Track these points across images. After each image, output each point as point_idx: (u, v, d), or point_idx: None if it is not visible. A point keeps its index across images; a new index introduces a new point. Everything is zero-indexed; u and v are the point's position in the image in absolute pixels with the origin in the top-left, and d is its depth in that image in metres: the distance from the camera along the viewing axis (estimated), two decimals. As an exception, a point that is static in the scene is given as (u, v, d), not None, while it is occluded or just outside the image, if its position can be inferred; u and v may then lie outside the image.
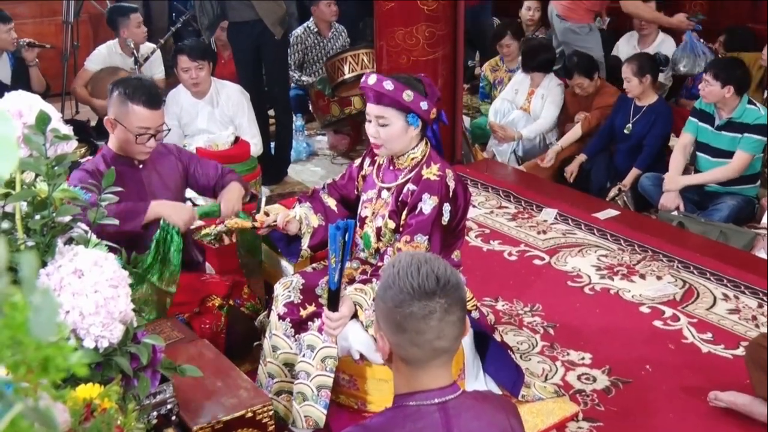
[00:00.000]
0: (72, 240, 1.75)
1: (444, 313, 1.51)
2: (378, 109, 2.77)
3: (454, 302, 1.53)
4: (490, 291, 3.81)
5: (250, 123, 4.98)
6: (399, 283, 1.51)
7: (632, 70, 4.98)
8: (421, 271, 1.51)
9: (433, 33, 4.94)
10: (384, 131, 2.78)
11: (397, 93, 2.72)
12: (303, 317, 2.81)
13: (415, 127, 2.78)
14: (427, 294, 1.50)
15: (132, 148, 3.01)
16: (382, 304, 1.56)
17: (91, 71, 5.87)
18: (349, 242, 2.58)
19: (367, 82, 2.78)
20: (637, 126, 5.05)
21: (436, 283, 1.51)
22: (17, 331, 0.66)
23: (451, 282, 1.53)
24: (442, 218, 2.75)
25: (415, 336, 1.51)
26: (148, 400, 1.97)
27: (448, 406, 1.54)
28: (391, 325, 1.54)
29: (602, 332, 3.48)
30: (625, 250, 4.22)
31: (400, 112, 2.75)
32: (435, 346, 1.52)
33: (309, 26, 6.67)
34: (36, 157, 1.63)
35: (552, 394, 3.02)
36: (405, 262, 1.54)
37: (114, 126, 2.98)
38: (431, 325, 1.50)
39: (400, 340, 1.53)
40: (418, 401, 1.55)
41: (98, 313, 1.59)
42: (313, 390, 2.69)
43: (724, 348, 3.35)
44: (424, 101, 2.76)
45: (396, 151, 2.84)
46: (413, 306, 1.50)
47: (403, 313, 1.50)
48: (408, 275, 1.51)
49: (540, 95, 5.61)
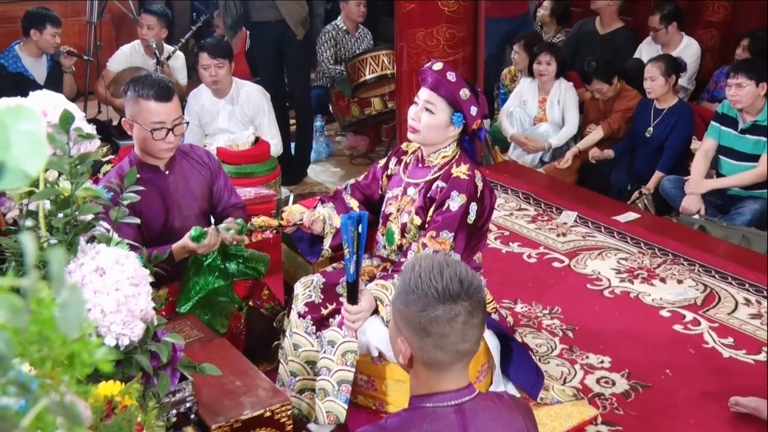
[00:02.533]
0: (94, 238, 1.77)
1: (468, 316, 1.51)
2: (430, 95, 2.78)
3: (477, 305, 1.53)
4: (509, 293, 3.80)
5: (270, 123, 5.00)
6: (423, 287, 1.51)
7: (660, 69, 4.93)
8: (444, 275, 1.51)
9: (454, 34, 4.93)
10: (426, 117, 2.78)
11: (457, 86, 2.76)
12: (324, 315, 2.82)
13: (456, 126, 2.79)
14: (452, 297, 1.50)
15: (152, 147, 2.96)
16: (404, 308, 1.55)
17: (113, 71, 5.91)
18: (363, 234, 2.58)
19: (432, 67, 2.80)
20: (658, 129, 5.01)
21: (460, 286, 1.50)
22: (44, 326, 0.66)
23: (474, 285, 1.53)
24: (468, 217, 2.75)
25: (440, 340, 1.51)
26: (168, 398, 1.98)
27: (464, 408, 1.55)
28: (415, 330, 1.53)
29: (622, 336, 3.46)
30: (646, 254, 4.19)
31: (449, 106, 2.77)
32: (459, 349, 1.53)
33: (337, 24, 6.65)
34: (59, 155, 1.64)
35: (571, 398, 3.01)
36: (426, 266, 1.54)
37: (131, 126, 2.97)
38: (456, 328, 1.50)
39: (423, 344, 1.53)
40: (435, 403, 1.55)
41: (119, 311, 1.60)
42: (334, 385, 2.70)
43: (746, 353, 3.32)
44: (476, 107, 2.79)
45: (428, 141, 2.84)
46: (438, 310, 1.50)
47: (428, 317, 1.50)
48: (431, 279, 1.51)
49: (554, 101, 5.57)
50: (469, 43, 5.06)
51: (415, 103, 2.83)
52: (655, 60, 5.11)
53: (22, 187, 1.58)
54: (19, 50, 5.59)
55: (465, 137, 2.89)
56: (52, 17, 5.55)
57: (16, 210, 1.78)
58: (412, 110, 2.82)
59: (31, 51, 5.59)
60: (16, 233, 1.72)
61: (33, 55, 5.60)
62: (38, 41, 5.52)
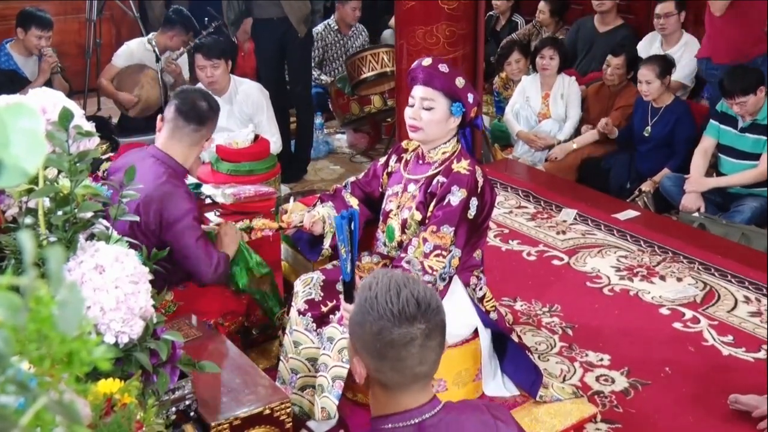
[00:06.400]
0: (93, 236, 1.77)
1: (425, 339, 1.45)
2: (426, 91, 2.78)
3: (435, 327, 1.47)
4: (509, 291, 3.80)
5: (269, 121, 4.99)
6: (378, 309, 1.45)
7: (655, 72, 4.89)
8: (401, 296, 1.44)
9: (454, 32, 4.93)
10: (427, 114, 2.78)
11: (452, 76, 2.77)
12: (324, 312, 2.82)
13: (456, 116, 2.80)
14: (407, 320, 1.43)
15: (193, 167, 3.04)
16: (359, 330, 1.49)
17: (118, 66, 5.91)
18: (356, 232, 2.58)
19: (422, 63, 2.80)
20: (656, 128, 5.00)
21: (417, 308, 1.44)
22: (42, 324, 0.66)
23: (432, 306, 1.47)
24: (468, 212, 2.75)
25: (396, 363, 1.46)
26: (167, 396, 1.98)
27: (425, 425, 1.49)
28: (371, 352, 1.47)
29: (621, 333, 3.47)
30: (645, 252, 4.19)
31: (447, 98, 2.77)
32: (416, 372, 1.47)
33: (329, 24, 6.69)
34: (59, 153, 1.64)
35: (570, 395, 3.01)
36: (383, 286, 1.47)
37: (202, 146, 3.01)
38: (412, 352, 1.44)
39: (380, 366, 1.48)
40: (394, 423, 1.50)
41: (119, 309, 1.60)
42: (329, 380, 2.70)
43: (745, 351, 3.33)
44: (472, 93, 2.81)
45: (431, 138, 2.84)
46: (393, 333, 1.43)
47: (384, 340, 1.44)
48: (387, 300, 1.44)
49: (557, 96, 5.56)
50: (469, 40, 5.05)
51: (410, 105, 2.82)
52: (647, 62, 5.02)
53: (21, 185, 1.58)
54: (10, 48, 5.59)
55: (462, 129, 2.89)
56: (39, 18, 5.51)
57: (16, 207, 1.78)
58: (410, 111, 2.81)
59: (21, 50, 5.58)
60: (15, 231, 1.72)
61: (23, 54, 5.60)
62: (24, 40, 5.52)
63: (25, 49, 5.57)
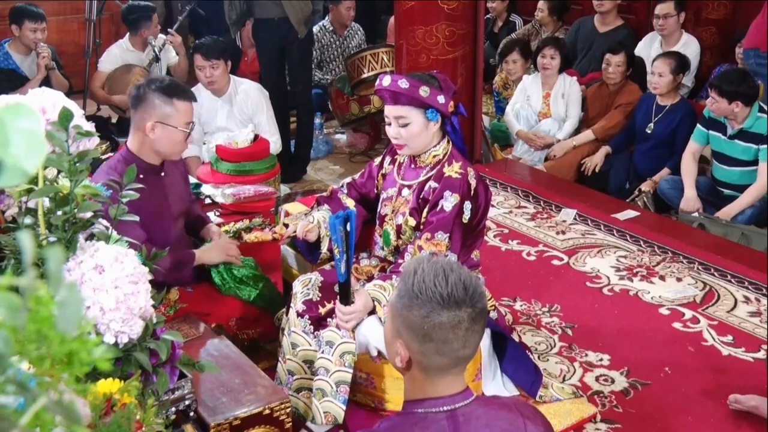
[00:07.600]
0: (93, 236, 1.77)
1: (471, 323, 1.49)
2: (396, 110, 2.77)
3: (480, 311, 1.51)
4: (508, 291, 3.80)
5: (269, 121, 4.99)
6: (427, 292, 1.48)
7: (670, 66, 4.89)
8: (449, 280, 1.49)
9: (453, 32, 4.93)
10: (405, 131, 2.78)
11: (413, 90, 2.72)
12: (322, 314, 2.82)
13: (435, 121, 2.79)
14: (456, 303, 1.48)
15: (177, 148, 2.92)
16: (406, 313, 1.52)
17: (106, 72, 5.96)
18: (352, 233, 2.58)
19: (382, 84, 2.78)
20: (658, 126, 5.00)
21: (464, 293, 1.49)
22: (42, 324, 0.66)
23: (477, 291, 1.51)
24: (463, 216, 2.75)
25: (442, 345, 1.49)
26: (167, 395, 1.98)
27: (457, 414, 1.52)
28: (417, 335, 1.50)
29: (621, 334, 3.47)
30: (645, 252, 4.19)
31: (418, 109, 2.75)
32: (459, 355, 1.51)
33: (324, 25, 6.69)
34: (59, 153, 1.64)
35: (570, 395, 3.01)
36: (430, 270, 1.51)
37: (159, 128, 2.84)
38: (459, 335, 1.49)
39: (425, 349, 1.51)
40: (427, 408, 1.53)
41: (118, 309, 1.60)
42: (332, 386, 2.70)
43: (745, 351, 3.33)
44: (441, 95, 2.76)
45: (419, 148, 2.84)
46: (442, 316, 1.48)
47: (432, 322, 1.48)
48: (436, 284, 1.48)
49: (558, 96, 5.57)
50: (469, 40, 5.06)
51: (388, 123, 2.83)
52: (664, 56, 5.05)
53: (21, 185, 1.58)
54: (8, 47, 5.64)
55: (447, 122, 2.87)
56: (30, 12, 5.58)
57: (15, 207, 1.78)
58: (392, 130, 2.82)
59: (19, 48, 5.63)
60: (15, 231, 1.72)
61: (21, 53, 5.64)
62: (20, 37, 5.57)
63: (23, 46, 5.62)
